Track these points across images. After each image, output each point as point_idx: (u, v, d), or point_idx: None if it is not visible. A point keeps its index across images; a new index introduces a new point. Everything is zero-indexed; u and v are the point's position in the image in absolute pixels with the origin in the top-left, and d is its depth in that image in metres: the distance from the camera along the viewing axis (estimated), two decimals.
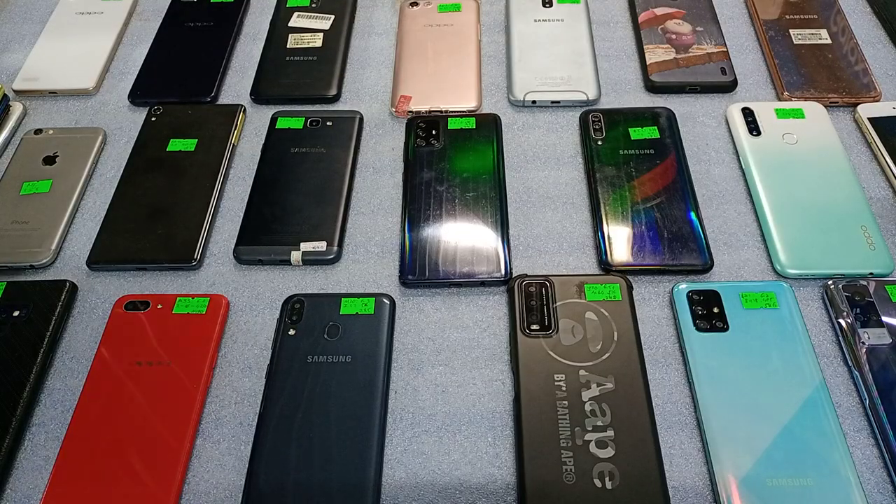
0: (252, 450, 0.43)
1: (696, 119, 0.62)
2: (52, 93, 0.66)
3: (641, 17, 0.69)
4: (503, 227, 0.53)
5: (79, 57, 0.69)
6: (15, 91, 0.66)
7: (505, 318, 0.50)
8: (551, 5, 0.70)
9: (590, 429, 0.43)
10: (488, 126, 0.60)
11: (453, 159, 0.58)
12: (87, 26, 0.72)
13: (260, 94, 0.65)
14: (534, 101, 0.63)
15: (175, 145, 0.60)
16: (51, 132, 0.62)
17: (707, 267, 0.51)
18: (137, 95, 0.65)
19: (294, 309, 0.49)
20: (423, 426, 0.45)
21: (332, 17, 0.71)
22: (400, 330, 0.50)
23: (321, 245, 0.53)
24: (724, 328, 0.47)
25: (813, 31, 0.67)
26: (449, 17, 0.70)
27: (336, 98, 0.65)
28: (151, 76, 0.67)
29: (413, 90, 0.64)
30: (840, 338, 0.47)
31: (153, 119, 0.63)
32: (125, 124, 0.64)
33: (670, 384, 0.46)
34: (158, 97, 0.65)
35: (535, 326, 0.47)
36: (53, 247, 0.54)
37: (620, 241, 0.52)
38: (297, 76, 0.66)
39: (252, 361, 0.49)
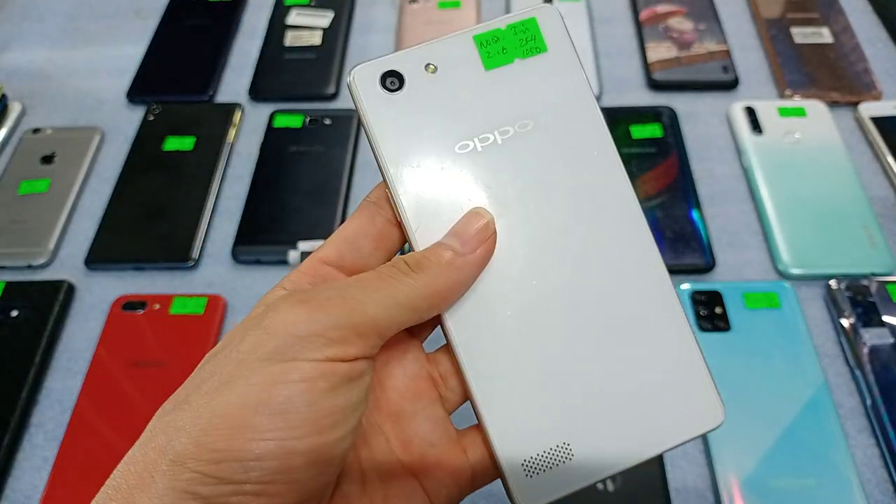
0: None
1: (698, 117, 0.61)
2: None
3: (643, 15, 0.68)
4: None
5: None
6: None
7: None
8: (552, 3, 0.70)
9: None
10: None
11: None
12: None
13: (258, 92, 0.65)
14: None
15: (173, 144, 0.60)
16: (49, 131, 0.62)
17: (709, 266, 0.51)
18: (135, 94, 0.65)
19: None
20: None
21: (331, 14, 0.70)
22: None
23: (320, 244, 0.53)
24: (726, 328, 0.47)
25: (814, 29, 0.66)
26: (449, 14, 0.69)
27: (335, 96, 0.64)
28: (149, 74, 0.66)
29: None
30: (842, 338, 0.47)
31: (151, 118, 0.62)
32: (123, 123, 0.63)
33: None
34: (156, 95, 0.65)
35: None
36: (51, 246, 0.54)
37: None
38: (295, 74, 0.65)
39: None
